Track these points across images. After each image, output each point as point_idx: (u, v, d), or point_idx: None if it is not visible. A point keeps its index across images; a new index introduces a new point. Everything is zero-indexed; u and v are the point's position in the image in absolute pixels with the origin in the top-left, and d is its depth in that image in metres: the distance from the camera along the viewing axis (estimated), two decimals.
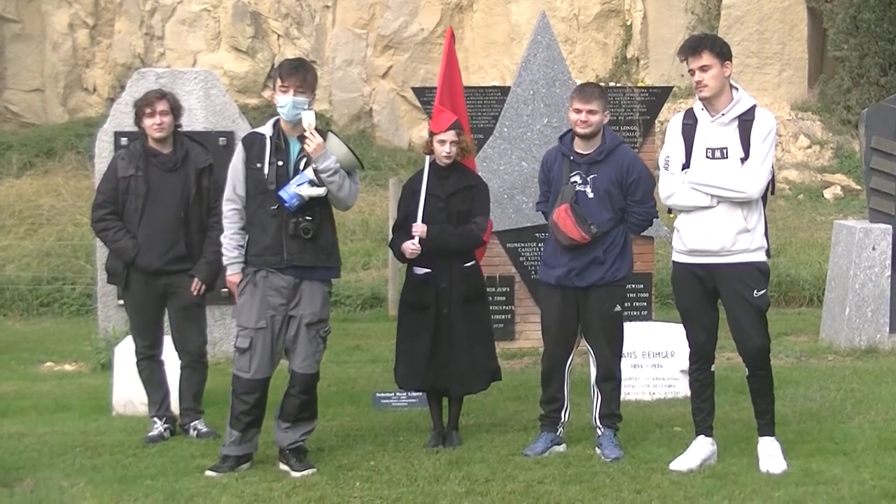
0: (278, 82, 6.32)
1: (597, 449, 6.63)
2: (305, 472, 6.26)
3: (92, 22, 21.60)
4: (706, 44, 6.13)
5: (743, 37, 20.25)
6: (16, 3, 21.31)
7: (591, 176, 6.58)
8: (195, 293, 7.13)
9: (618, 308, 6.69)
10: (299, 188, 6.23)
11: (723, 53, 6.10)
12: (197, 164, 7.15)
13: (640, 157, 7.00)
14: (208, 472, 6.30)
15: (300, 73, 6.32)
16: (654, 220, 6.80)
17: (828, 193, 18.61)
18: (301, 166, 6.31)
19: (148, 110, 7.08)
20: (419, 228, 6.80)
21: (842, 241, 10.33)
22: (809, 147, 19.79)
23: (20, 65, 21.48)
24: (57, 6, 21.40)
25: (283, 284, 6.32)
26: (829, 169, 19.40)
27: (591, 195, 6.57)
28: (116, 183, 7.11)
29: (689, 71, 6.15)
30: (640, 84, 18.14)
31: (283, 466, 6.38)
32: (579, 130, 6.60)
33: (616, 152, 6.63)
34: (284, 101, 6.28)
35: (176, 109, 7.19)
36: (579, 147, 6.65)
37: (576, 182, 6.58)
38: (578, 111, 6.56)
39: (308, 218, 6.29)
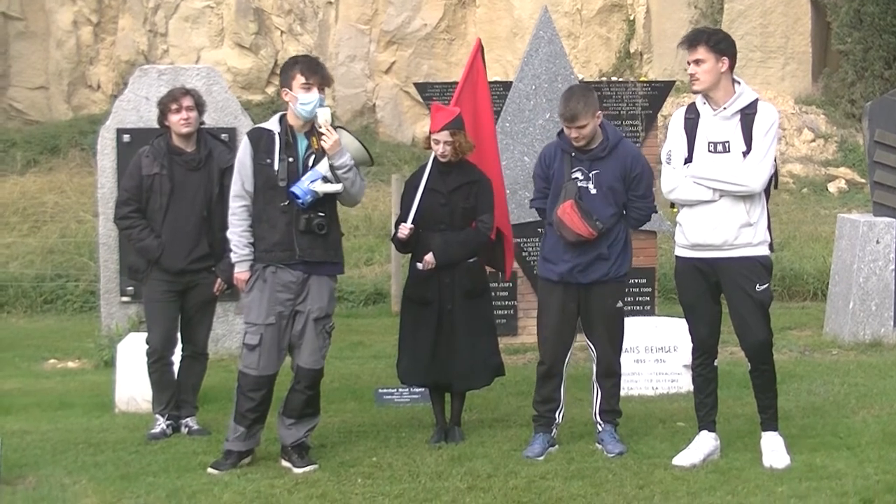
0: (300, 80, 6.26)
1: (598, 444, 6.61)
2: (307, 469, 6.26)
3: (96, 19, 21.60)
4: (703, 38, 6.11)
5: (746, 31, 20.21)
6: (20, 0, 21.31)
7: (594, 172, 6.51)
8: (217, 292, 7.18)
9: (620, 304, 6.67)
10: (313, 185, 6.21)
11: (719, 49, 6.08)
12: (220, 163, 7.13)
13: (641, 152, 6.96)
14: (210, 469, 6.30)
15: (323, 71, 6.34)
16: (656, 214, 6.76)
17: (832, 187, 18.58)
18: (309, 163, 6.30)
19: (174, 106, 7.06)
20: (405, 229, 6.84)
21: (846, 234, 10.30)
22: (813, 141, 19.75)
23: (24, 62, 21.50)
24: (61, 4, 21.40)
25: (292, 280, 6.30)
26: (833, 163, 19.37)
27: (594, 191, 6.51)
28: (140, 180, 7.10)
29: (687, 63, 6.16)
30: (642, 78, 18.07)
31: (284, 463, 6.37)
32: (576, 144, 6.53)
33: (619, 147, 6.56)
34: (310, 99, 6.24)
35: (200, 105, 7.19)
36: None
37: (577, 178, 6.52)
38: (568, 129, 6.51)
39: (321, 214, 6.28)
